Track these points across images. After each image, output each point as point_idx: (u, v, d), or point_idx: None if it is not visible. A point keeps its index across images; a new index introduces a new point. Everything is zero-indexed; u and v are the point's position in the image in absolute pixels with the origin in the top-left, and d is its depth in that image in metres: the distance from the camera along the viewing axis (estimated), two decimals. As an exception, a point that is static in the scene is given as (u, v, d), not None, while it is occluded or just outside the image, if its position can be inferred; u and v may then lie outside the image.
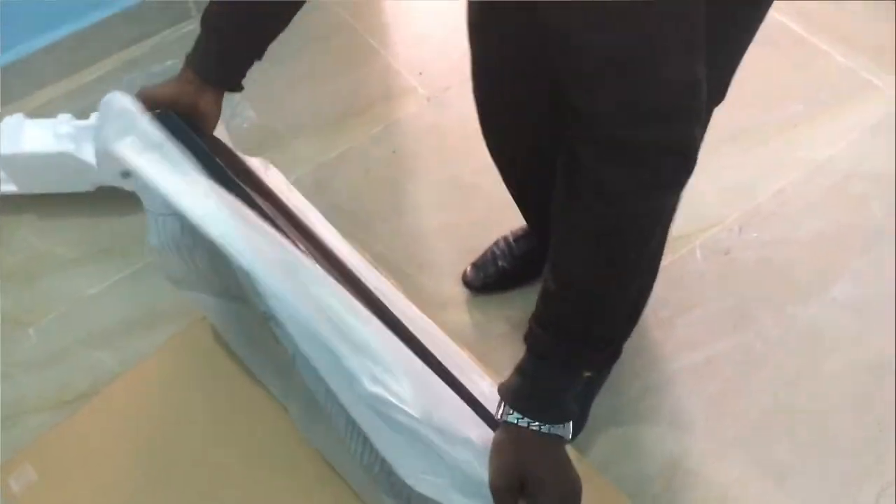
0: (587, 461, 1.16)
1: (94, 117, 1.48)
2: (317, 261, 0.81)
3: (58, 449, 1.16)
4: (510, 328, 1.33)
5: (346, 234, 1.02)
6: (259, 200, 0.86)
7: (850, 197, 1.45)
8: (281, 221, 0.87)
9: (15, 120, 1.47)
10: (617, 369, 1.25)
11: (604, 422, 1.22)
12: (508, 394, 0.74)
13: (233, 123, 1.61)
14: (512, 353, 1.27)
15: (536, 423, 0.72)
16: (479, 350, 1.28)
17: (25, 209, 1.53)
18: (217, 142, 0.95)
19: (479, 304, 1.37)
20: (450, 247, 1.44)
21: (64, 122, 1.46)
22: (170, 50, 1.76)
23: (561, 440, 0.73)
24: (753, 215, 1.44)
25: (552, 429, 0.72)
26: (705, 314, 1.33)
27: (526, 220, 1.29)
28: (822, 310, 1.33)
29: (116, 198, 1.50)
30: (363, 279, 0.88)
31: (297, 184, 1.52)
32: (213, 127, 0.94)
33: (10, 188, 1.50)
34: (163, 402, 1.20)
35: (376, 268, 0.98)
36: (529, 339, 0.74)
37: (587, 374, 0.74)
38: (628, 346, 1.23)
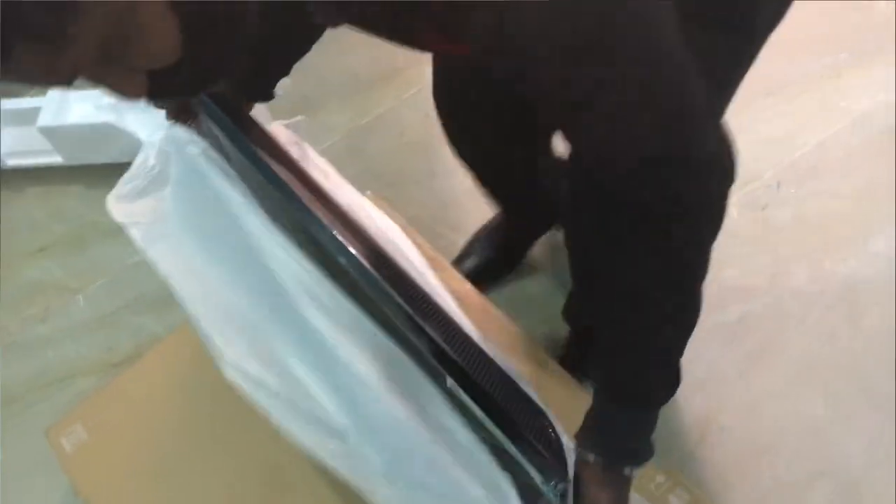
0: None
1: (132, 88, 1.52)
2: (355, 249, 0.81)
3: (106, 409, 1.20)
4: (541, 289, 1.34)
5: (380, 197, 1.04)
6: (291, 183, 0.86)
7: (894, 148, 1.41)
8: (313, 204, 0.87)
9: (58, 93, 1.51)
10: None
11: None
12: (590, 444, 0.72)
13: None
14: (545, 313, 1.29)
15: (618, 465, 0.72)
16: (513, 309, 1.30)
17: (74, 180, 1.58)
18: (250, 122, 0.96)
19: (511, 264, 1.38)
20: (482, 208, 1.44)
21: (105, 94, 1.49)
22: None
23: (629, 480, 0.73)
24: (792, 170, 1.41)
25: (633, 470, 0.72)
26: (740, 272, 1.32)
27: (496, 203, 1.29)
28: (861, 265, 1.30)
29: (158, 167, 1.54)
30: (393, 258, 0.87)
31: (331, 149, 1.56)
32: None
33: (56, 159, 1.55)
34: (203, 364, 1.23)
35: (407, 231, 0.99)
36: (601, 391, 0.72)
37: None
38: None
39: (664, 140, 0.56)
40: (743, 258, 1.33)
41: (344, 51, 1.69)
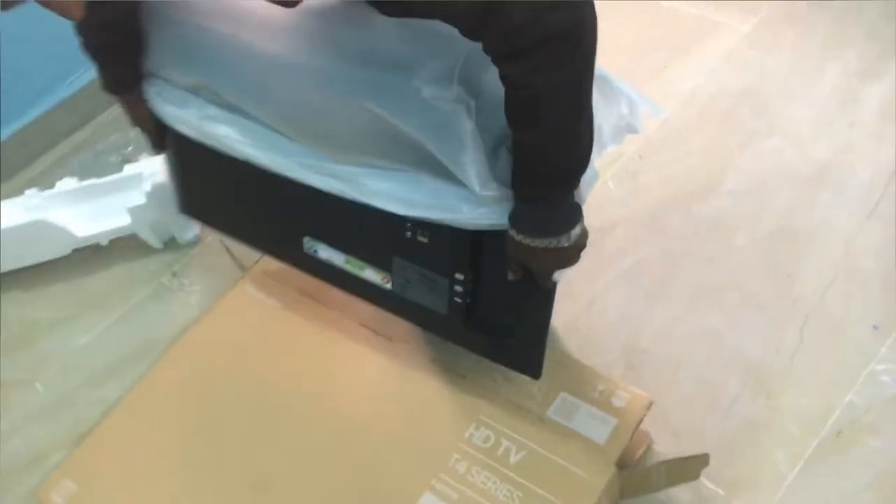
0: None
1: (58, 185, 1.63)
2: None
3: (90, 461, 1.25)
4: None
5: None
6: None
7: (722, 111, 1.70)
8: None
9: (-15, 204, 1.60)
10: (567, 284, 1.43)
11: (566, 326, 1.41)
12: (513, 222, 0.91)
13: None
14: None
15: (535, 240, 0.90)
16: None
17: (11, 286, 1.64)
18: None
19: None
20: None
21: (31, 196, 1.60)
22: (110, 129, 1.92)
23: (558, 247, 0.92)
24: (647, 144, 1.67)
25: (549, 241, 0.91)
26: (627, 228, 1.54)
27: None
28: (721, 202, 1.55)
29: (90, 257, 1.65)
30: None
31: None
32: None
33: (-10, 270, 1.63)
34: (186, 398, 1.30)
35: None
36: (518, 190, 0.90)
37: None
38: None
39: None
40: (626, 217, 1.56)
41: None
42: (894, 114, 1.63)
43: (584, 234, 0.95)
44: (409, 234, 1.02)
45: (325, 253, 1.17)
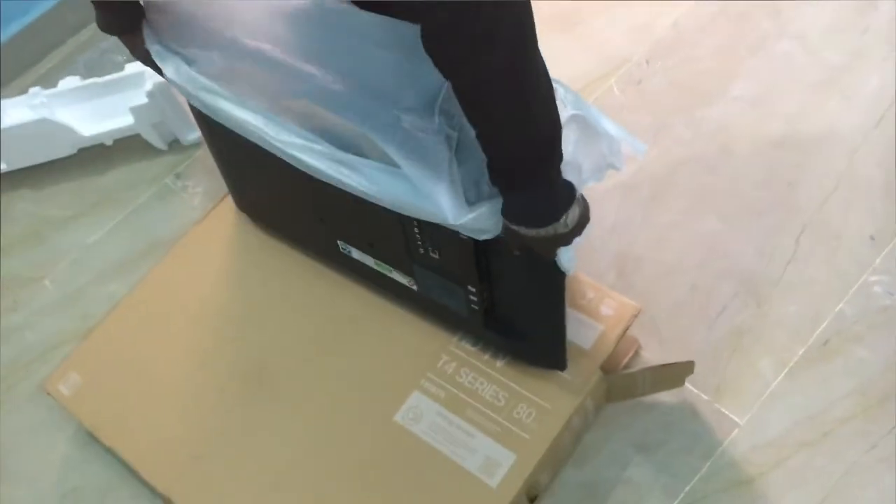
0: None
1: (61, 84, 1.64)
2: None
3: (94, 355, 1.31)
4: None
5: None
6: None
7: (735, 14, 1.64)
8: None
9: (-10, 103, 1.62)
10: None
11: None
12: (504, 213, 0.88)
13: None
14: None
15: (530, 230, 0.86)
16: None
17: (19, 184, 1.68)
18: None
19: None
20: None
21: (35, 95, 1.61)
22: (114, 27, 1.91)
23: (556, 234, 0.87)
24: (656, 48, 1.63)
25: (546, 231, 0.85)
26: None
27: None
28: (726, 107, 1.52)
29: (96, 156, 1.67)
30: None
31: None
32: None
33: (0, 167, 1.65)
34: (186, 296, 1.35)
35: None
36: (495, 184, 0.86)
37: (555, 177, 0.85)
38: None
39: None
40: (628, 123, 1.49)
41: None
42: (912, 19, 1.56)
43: (584, 214, 0.90)
44: (421, 249, 1.07)
45: (358, 254, 1.21)
